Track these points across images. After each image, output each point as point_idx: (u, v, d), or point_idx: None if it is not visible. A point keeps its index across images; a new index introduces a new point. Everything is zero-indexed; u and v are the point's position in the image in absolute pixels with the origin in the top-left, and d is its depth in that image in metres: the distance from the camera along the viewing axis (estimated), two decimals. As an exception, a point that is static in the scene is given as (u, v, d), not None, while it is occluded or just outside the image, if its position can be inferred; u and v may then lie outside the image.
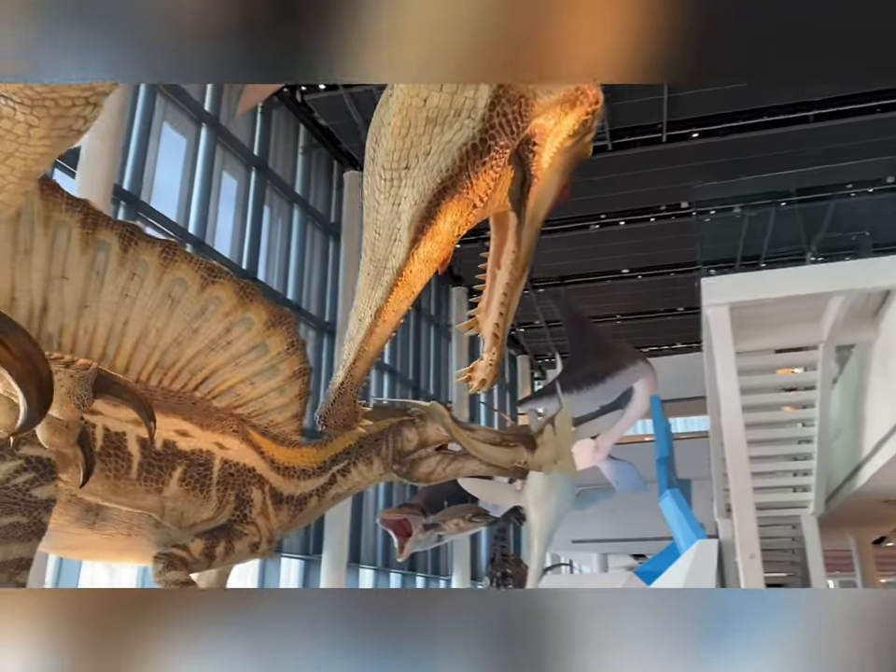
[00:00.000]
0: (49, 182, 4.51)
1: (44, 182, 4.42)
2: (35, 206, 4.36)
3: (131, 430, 4.21)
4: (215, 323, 4.97)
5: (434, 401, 4.77)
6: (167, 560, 4.17)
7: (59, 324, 4.41)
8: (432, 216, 2.13)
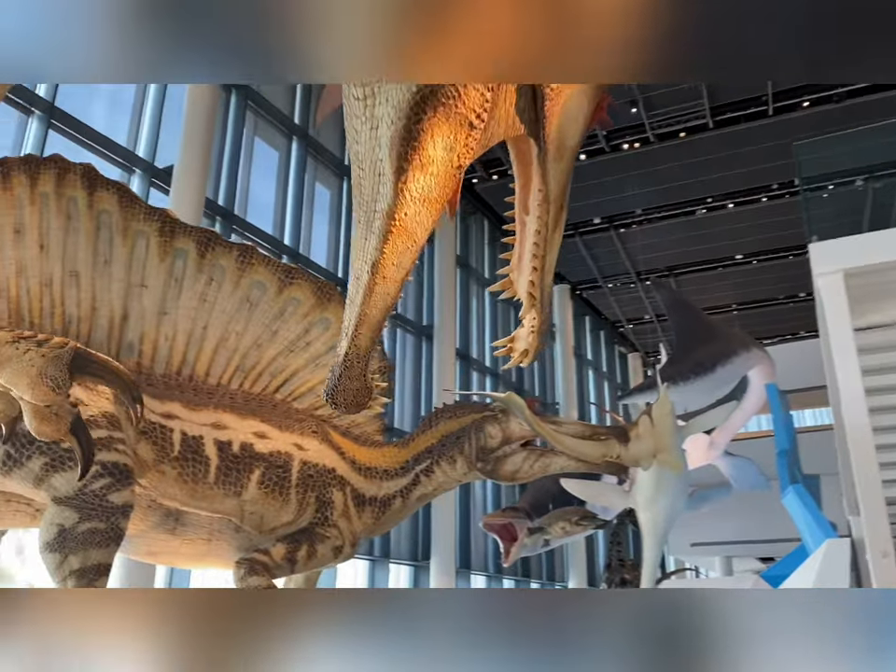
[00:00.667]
0: (128, 193, 4.58)
1: (122, 193, 4.49)
2: (114, 218, 4.44)
3: (208, 434, 4.20)
4: (293, 324, 4.92)
5: (511, 392, 4.50)
6: (248, 565, 4.12)
7: (139, 332, 4.47)
8: (414, 137, 1.75)
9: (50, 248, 4.24)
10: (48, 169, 4.23)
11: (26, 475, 3.55)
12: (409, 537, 15.36)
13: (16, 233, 4.16)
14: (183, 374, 4.55)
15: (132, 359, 4.41)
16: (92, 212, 4.36)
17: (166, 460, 3.99)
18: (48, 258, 4.25)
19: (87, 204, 4.32)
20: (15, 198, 4.14)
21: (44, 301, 4.20)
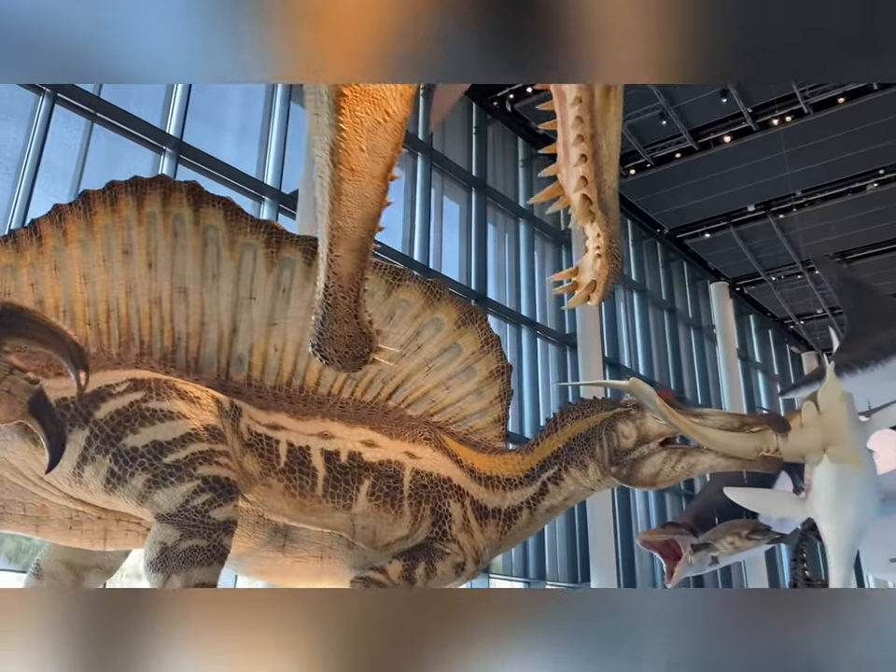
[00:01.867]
0: (233, 207, 4.55)
1: (227, 208, 4.47)
2: (221, 232, 4.42)
3: (315, 444, 4.02)
4: (403, 327, 4.69)
5: (635, 378, 3.95)
6: (363, 584, 3.86)
7: (248, 344, 4.40)
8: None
9: (158, 266, 4.27)
10: (154, 189, 4.27)
11: (129, 493, 3.50)
12: (566, 555, 14.71)
13: (125, 254, 4.22)
14: (293, 385, 4.43)
15: (242, 373, 4.33)
16: (199, 228, 4.36)
17: (272, 473, 3.84)
18: (156, 275, 4.27)
19: (193, 221, 4.33)
20: (123, 219, 4.20)
21: (153, 318, 4.22)
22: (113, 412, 3.59)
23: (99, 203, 4.13)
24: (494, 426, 4.76)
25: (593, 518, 14.08)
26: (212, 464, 3.58)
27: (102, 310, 4.10)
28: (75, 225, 4.09)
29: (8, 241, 3.99)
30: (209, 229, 4.40)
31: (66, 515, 3.70)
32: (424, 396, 4.69)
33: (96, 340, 4.05)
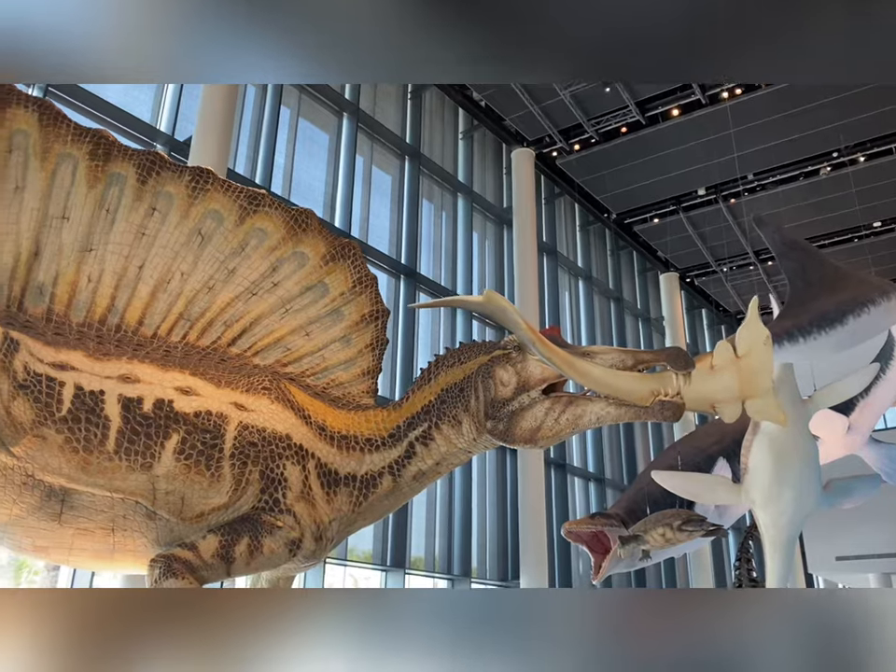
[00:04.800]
0: (52, 110, 3.79)
1: (44, 110, 3.73)
2: (33, 138, 3.68)
3: (112, 389, 3.28)
4: (257, 261, 3.99)
5: (490, 290, 3.28)
6: (165, 564, 3.13)
7: (53, 271, 3.65)
8: None
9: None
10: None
11: None
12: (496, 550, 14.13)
13: None
14: (108, 323, 3.69)
15: (41, 305, 3.59)
16: (3, 132, 3.61)
17: (49, 421, 3.12)
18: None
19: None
20: None
21: None
22: None
23: None
24: (362, 379, 4.06)
25: (525, 509, 13.53)
26: None
27: None
28: None
29: None
30: (17, 133, 3.68)
31: None
32: (276, 342, 3.98)
33: None
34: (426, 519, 13.35)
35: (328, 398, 3.91)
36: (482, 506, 14.46)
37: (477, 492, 14.45)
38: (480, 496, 14.50)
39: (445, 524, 13.50)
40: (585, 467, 17.84)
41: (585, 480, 17.68)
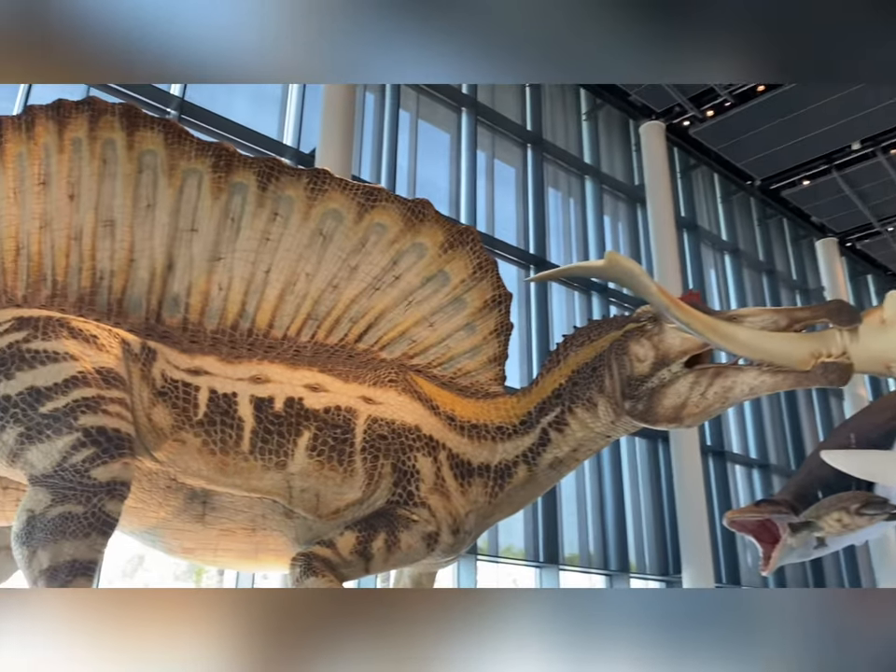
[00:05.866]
0: (175, 128, 3.98)
1: (168, 129, 3.92)
2: (160, 157, 3.88)
3: (244, 390, 3.36)
4: (377, 256, 4.02)
5: (611, 252, 3.01)
6: (305, 563, 3.15)
7: (186, 282, 3.82)
8: None
9: (82, 197, 3.77)
10: (80, 113, 3.79)
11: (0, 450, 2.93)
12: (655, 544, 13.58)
13: (41, 185, 3.72)
14: (240, 328, 3.82)
15: (177, 315, 3.76)
16: (133, 153, 3.84)
17: (187, 425, 3.24)
18: (78, 208, 3.77)
19: (126, 146, 3.83)
20: (41, 147, 3.72)
21: (71, 256, 3.70)
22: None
23: (11, 131, 3.65)
24: (488, 366, 3.96)
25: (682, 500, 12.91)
26: (97, 412, 2.97)
27: (10, 248, 3.62)
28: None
29: None
30: (146, 154, 3.88)
31: None
32: (402, 335, 3.98)
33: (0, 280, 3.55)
34: (577, 514, 13.07)
35: (455, 387, 3.85)
36: (635, 498, 13.98)
37: (629, 483, 13.99)
38: (632, 487, 14.03)
39: (598, 518, 13.16)
40: (746, 453, 16.82)
41: (747, 467, 16.67)
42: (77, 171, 3.68)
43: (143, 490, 3.20)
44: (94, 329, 3.28)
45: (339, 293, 3.95)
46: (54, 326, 3.19)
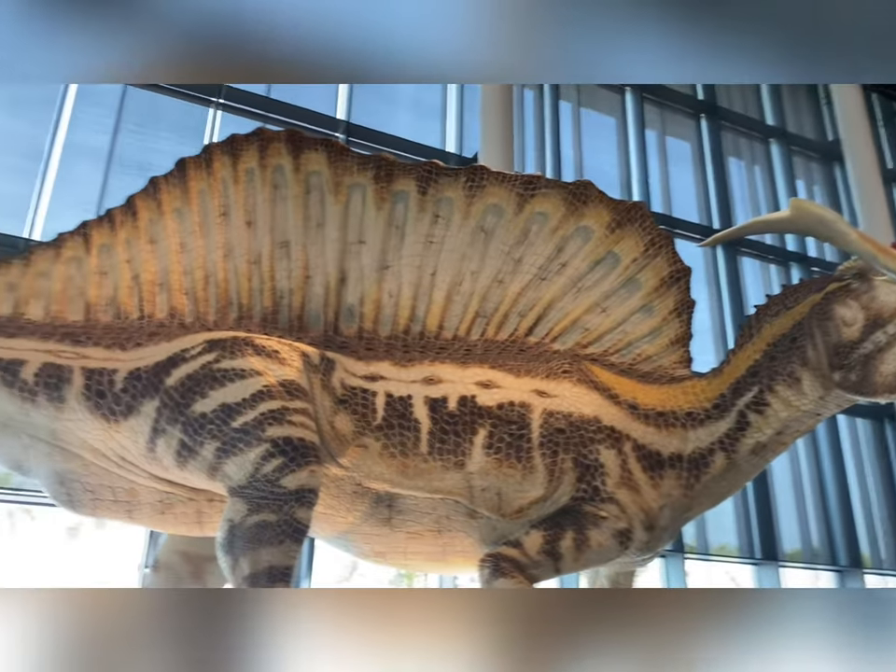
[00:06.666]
0: (336, 147, 4.15)
1: (330, 148, 4.09)
2: (325, 176, 4.05)
3: (418, 392, 3.37)
4: (541, 246, 3.93)
5: (797, 199, 2.60)
6: (493, 564, 3.07)
7: (359, 293, 3.94)
8: None
9: (258, 223, 4.00)
10: (250, 144, 4.04)
11: (201, 465, 3.16)
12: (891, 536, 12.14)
13: (222, 216, 4.00)
14: (412, 333, 3.87)
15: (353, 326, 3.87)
16: (300, 176, 4.04)
17: (368, 431, 3.31)
18: (256, 233, 4.00)
19: (293, 169, 4.03)
20: (219, 181, 4.00)
21: (253, 279, 3.94)
22: (184, 377, 3.30)
23: (193, 169, 3.96)
24: (671, 348, 3.70)
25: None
26: (283, 423, 3.10)
27: (199, 277, 3.91)
28: (170, 195, 3.96)
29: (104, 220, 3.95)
30: (312, 175, 4.05)
31: (156, 498, 3.47)
32: (573, 324, 3.84)
33: (193, 309, 3.85)
34: (794, 505, 12.05)
35: (636, 374, 3.63)
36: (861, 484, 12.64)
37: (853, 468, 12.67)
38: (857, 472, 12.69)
39: (819, 508, 12.03)
40: None
41: None
42: (252, 199, 3.89)
43: (331, 496, 3.29)
44: (276, 344, 3.43)
45: (505, 288, 3.88)
46: (240, 345, 3.38)
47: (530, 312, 3.83)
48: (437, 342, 3.77)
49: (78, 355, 3.39)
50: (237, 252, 3.88)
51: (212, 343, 3.41)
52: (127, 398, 3.27)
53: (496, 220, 3.89)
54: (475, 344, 3.77)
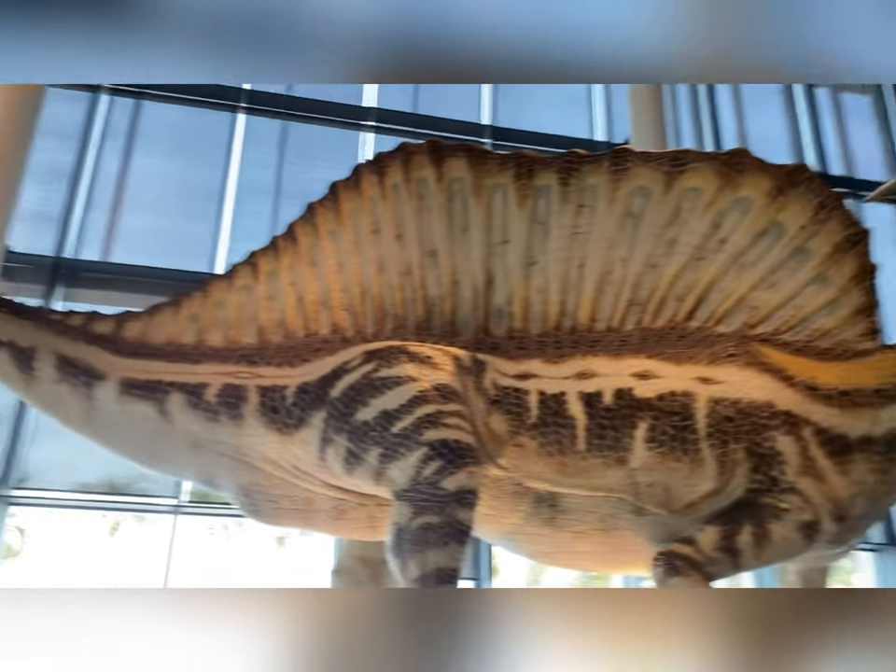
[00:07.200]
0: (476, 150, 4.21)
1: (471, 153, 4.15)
2: (466, 181, 4.12)
3: (571, 388, 3.29)
4: (695, 224, 3.74)
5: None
6: (666, 562, 2.93)
7: (507, 293, 3.95)
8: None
9: (407, 236, 4.12)
10: (394, 160, 4.18)
11: (367, 471, 3.29)
12: None
13: (374, 233, 4.16)
14: (563, 328, 3.82)
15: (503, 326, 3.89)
16: (443, 184, 4.12)
17: (523, 430, 3.30)
18: (405, 246, 4.13)
19: (436, 179, 4.12)
20: (368, 200, 4.17)
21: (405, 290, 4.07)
22: (346, 388, 3.47)
23: (344, 191, 4.15)
24: (853, 320, 3.37)
25: None
26: (439, 427, 3.16)
27: (356, 293, 4.09)
28: (324, 218, 4.17)
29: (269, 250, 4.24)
30: (454, 182, 4.13)
31: (331, 505, 3.65)
32: (738, 303, 3.61)
33: (353, 324, 4.03)
34: None
35: (813, 352, 3.34)
36: None
37: None
38: None
39: None
40: None
41: None
42: (400, 213, 3.99)
43: (493, 497, 3.31)
44: (429, 350, 3.51)
45: (659, 272, 3.72)
46: (395, 353, 3.49)
47: (689, 295, 3.65)
48: (589, 335, 3.68)
49: (253, 374, 3.64)
50: (389, 266, 3.99)
51: (370, 354, 3.54)
52: (297, 411, 3.47)
53: (643, 202, 3.75)
54: (631, 334, 3.64)
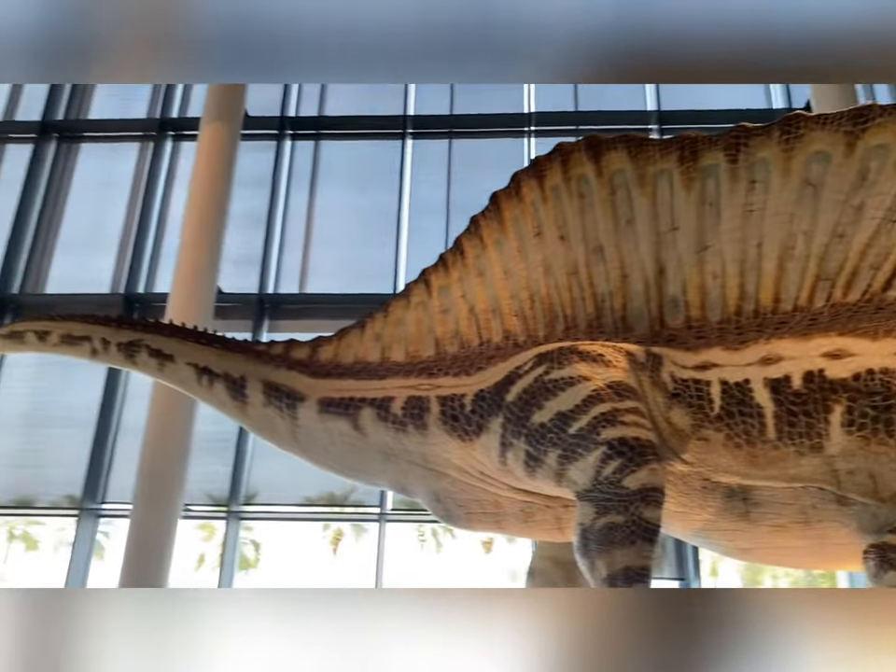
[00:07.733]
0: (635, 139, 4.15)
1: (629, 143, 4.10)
2: (628, 172, 4.08)
3: (756, 375, 3.11)
4: (884, 184, 3.44)
5: None
6: (878, 555, 2.67)
7: (680, 281, 3.84)
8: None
9: (570, 235, 4.14)
10: (552, 162, 4.22)
11: (547, 473, 3.32)
12: None
13: (537, 236, 4.21)
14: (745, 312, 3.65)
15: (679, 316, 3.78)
16: (603, 179, 4.10)
17: (706, 422, 3.18)
18: (570, 245, 4.15)
19: (596, 174, 4.11)
20: (529, 204, 4.24)
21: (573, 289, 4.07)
22: (521, 391, 3.53)
23: (504, 200, 4.24)
24: None
25: None
26: (616, 425, 3.12)
27: (524, 297, 4.15)
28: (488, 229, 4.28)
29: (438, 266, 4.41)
30: (615, 175, 4.09)
31: (518, 508, 3.71)
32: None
33: (524, 328, 4.09)
34: None
35: None
36: None
37: None
38: None
39: None
40: None
41: None
42: (561, 214, 4.00)
43: (681, 494, 3.21)
44: (599, 348, 3.48)
45: (848, 242, 3.44)
46: (566, 354, 3.49)
47: (885, 263, 3.34)
48: (774, 317, 3.47)
49: (433, 385, 3.81)
50: (555, 267, 4.00)
51: (541, 357, 3.58)
52: (476, 418, 3.58)
53: (823, 168, 3.49)
54: (821, 312, 3.38)
